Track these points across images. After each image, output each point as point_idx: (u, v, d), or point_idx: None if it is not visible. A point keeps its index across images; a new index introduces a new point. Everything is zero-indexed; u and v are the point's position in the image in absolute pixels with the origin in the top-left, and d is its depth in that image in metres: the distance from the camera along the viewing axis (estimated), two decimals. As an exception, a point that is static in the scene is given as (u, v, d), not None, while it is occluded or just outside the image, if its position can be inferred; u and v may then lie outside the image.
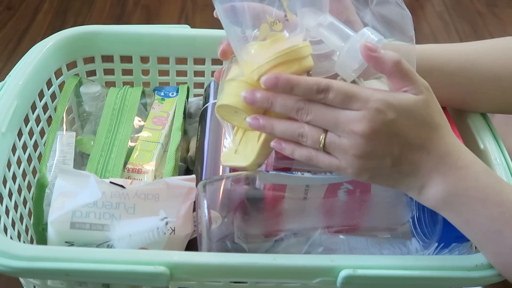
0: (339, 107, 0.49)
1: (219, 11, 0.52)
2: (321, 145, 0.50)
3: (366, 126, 0.48)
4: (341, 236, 0.58)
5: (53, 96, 0.75)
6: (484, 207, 0.49)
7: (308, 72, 0.53)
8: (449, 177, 0.49)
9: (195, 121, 0.80)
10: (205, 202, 0.55)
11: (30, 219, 0.66)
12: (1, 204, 0.60)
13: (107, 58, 0.80)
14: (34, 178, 0.68)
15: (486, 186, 0.49)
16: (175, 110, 0.75)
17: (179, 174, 0.70)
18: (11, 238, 0.60)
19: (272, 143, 0.52)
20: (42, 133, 0.73)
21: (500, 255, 0.50)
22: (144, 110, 0.76)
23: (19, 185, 0.65)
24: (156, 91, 0.79)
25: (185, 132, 0.76)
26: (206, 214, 0.54)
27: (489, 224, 0.49)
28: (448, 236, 0.56)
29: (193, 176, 0.60)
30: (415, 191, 0.51)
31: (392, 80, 0.50)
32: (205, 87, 0.80)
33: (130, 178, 0.65)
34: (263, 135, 0.54)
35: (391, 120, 0.48)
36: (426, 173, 0.50)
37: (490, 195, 0.49)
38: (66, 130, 0.71)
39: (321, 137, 0.50)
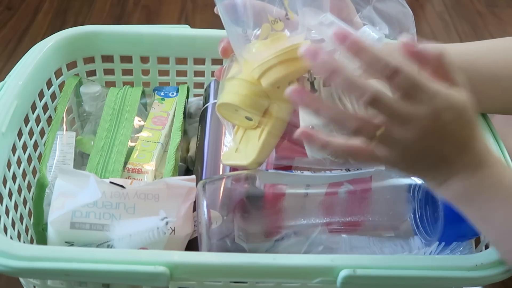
0: (401, 94, 0.46)
1: (220, 9, 0.52)
2: (375, 135, 0.46)
3: (430, 125, 0.46)
4: (343, 235, 0.58)
5: (53, 96, 0.75)
6: (504, 206, 0.49)
7: (309, 71, 0.53)
8: (477, 173, 0.49)
9: (195, 121, 0.80)
10: (205, 201, 0.55)
11: (30, 219, 0.66)
12: (1, 204, 0.60)
13: (107, 58, 0.80)
14: (34, 178, 0.68)
15: (508, 187, 0.49)
16: (175, 110, 0.75)
17: (179, 174, 0.70)
18: (11, 238, 0.60)
19: (299, 132, 0.48)
20: (42, 133, 0.73)
21: None
22: (144, 110, 0.76)
23: (19, 185, 0.65)
24: (156, 91, 0.79)
25: (185, 132, 0.76)
26: (206, 213, 0.54)
27: (506, 223, 0.49)
28: (449, 235, 0.56)
29: (193, 176, 0.60)
30: (437, 181, 0.50)
31: (437, 76, 0.48)
32: (205, 87, 0.80)
33: (130, 178, 0.65)
34: (264, 134, 0.54)
35: (450, 122, 0.47)
36: (459, 168, 0.49)
37: None
38: (66, 130, 0.71)
39: (377, 131, 0.46)
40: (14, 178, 0.64)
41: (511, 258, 0.51)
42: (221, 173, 0.66)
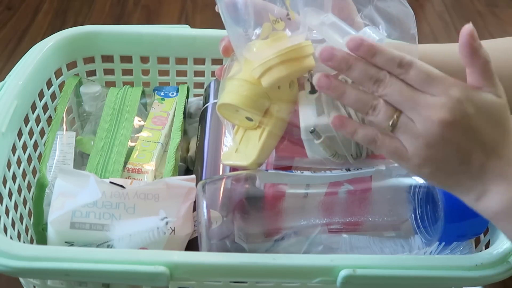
0: (417, 87, 0.46)
1: (221, 8, 0.52)
2: (391, 123, 0.46)
3: (446, 114, 0.45)
4: (343, 235, 0.58)
5: (53, 96, 0.75)
6: None
7: (309, 71, 0.53)
8: None
9: (195, 121, 0.80)
10: (204, 202, 0.55)
11: (30, 219, 0.66)
12: (1, 204, 0.60)
13: (107, 58, 0.80)
14: (34, 178, 0.68)
15: None
16: (175, 110, 0.75)
17: (179, 174, 0.70)
18: (11, 238, 0.60)
19: (333, 119, 0.49)
20: (42, 133, 0.73)
21: None
22: (144, 110, 0.76)
23: (19, 185, 0.65)
24: (156, 91, 0.79)
25: (185, 132, 0.76)
26: (205, 214, 0.54)
27: None
28: (450, 235, 0.56)
29: (193, 176, 0.60)
30: (473, 195, 0.47)
31: (475, 76, 0.47)
32: (205, 87, 0.80)
33: (130, 178, 0.65)
34: (264, 134, 0.54)
35: (471, 114, 0.45)
36: (492, 178, 0.46)
37: None
38: (66, 130, 0.71)
39: (395, 115, 0.46)
40: (14, 178, 0.64)
41: None
42: (221, 173, 0.66)
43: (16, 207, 0.64)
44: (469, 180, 0.47)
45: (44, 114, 0.73)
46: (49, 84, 0.74)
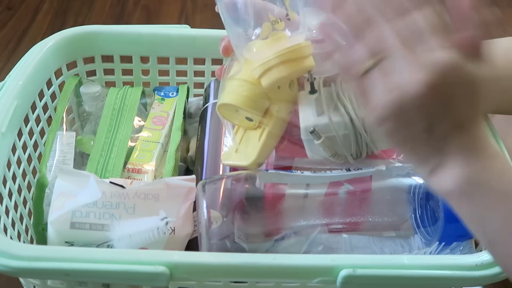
0: (413, 34, 0.42)
1: (220, 8, 0.52)
2: (372, 63, 0.42)
3: (427, 77, 0.41)
4: (343, 235, 0.58)
5: (53, 96, 0.75)
6: (504, 202, 0.44)
7: (309, 72, 0.53)
8: (474, 164, 0.44)
9: (195, 121, 0.80)
10: (204, 202, 0.55)
11: (30, 219, 0.66)
12: (1, 204, 0.60)
13: (107, 58, 0.80)
14: (34, 178, 0.68)
15: (509, 181, 0.45)
16: (175, 110, 0.75)
17: (179, 174, 0.70)
18: (11, 238, 0.60)
19: (320, 26, 0.46)
20: (42, 133, 0.73)
21: None
22: (144, 110, 0.76)
23: (19, 185, 0.65)
24: (156, 91, 0.79)
25: (185, 132, 0.76)
26: (205, 214, 0.54)
27: (506, 222, 0.44)
28: (450, 235, 0.56)
29: (193, 176, 0.60)
30: (428, 167, 0.45)
31: (465, 41, 0.43)
32: (205, 87, 0.80)
33: (130, 178, 0.65)
34: (264, 134, 0.54)
35: (451, 84, 0.42)
36: (451, 153, 0.44)
37: None
38: (66, 130, 0.71)
39: (379, 56, 0.42)
40: (14, 178, 0.64)
41: (508, 263, 0.46)
42: (221, 173, 0.66)
43: (16, 207, 0.64)
44: (427, 151, 0.45)
45: (44, 114, 0.73)
46: (49, 84, 0.74)
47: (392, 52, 0.42)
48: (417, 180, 0.58)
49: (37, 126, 0.71)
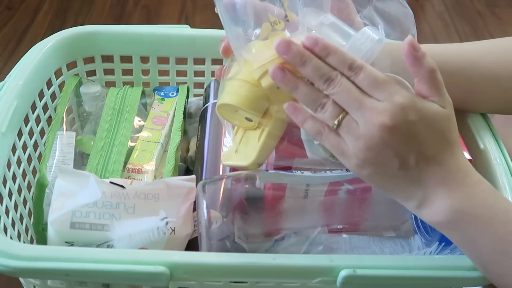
0: (364, 90, 0.48)
1: (219, 8, 0.52)
2: (337, 122, 0.48)
3: (387, 119, 0.46)
4: (344, 235, 0.58)
5: (53, 96, 0.75)
6: (490, 225, 0.47)
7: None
8: (457, 193, 0.48)
9: (195, 121, 0.80)
10: (204, 202, 0.55)
11: (30, 219, 0.66)
12: (1, 204, 0.60)
13: (107, 58, 0.80)
14: (34, 178, 0.68)
15: (493, 205, 0.48)
16: (175, 110, 0.75)
17: (179, 174, 0.70)
18: (11, 238, 0.60)
19: (285, 105, 0.50)
20: (42, 133, 0.73)
21: (506, 276, 0.48)
22: (144, 110, 0.76)
23: (19, 185, 0.65)
24: (156, 91, 0.79)
25: (185, 132, 0.76)
26: (205, 214, 0.54)
27: (495, 243, 0.48)
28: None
29: (193, 176, 0.60)
30: (414, 202, 0.49)
31: (421, 86, 0.49)
32: (205, 87, 0.80)
33: (130, 178, 0.65)
34: (264, 135, 0.54)
35: (412, 121, 0.47)
36: (432, 185, 0.48)
37: (497, 213, 0.48)
38: (66, 130, 0.71)
39: (341, 115, 0.48)
40: (14, 178, 0.64)
41: (505, 282, 0.49)
42: (221, 173, 0.66)
43: (16, 207, 0.64)
44: (409, 186, 0.49)
45: (44, 114, 0.73)
46: (49, 84, 0.74)
47: (351, 105, 0.48)
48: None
49: (37, 126, 0.71)
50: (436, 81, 0.49)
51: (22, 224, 0.65)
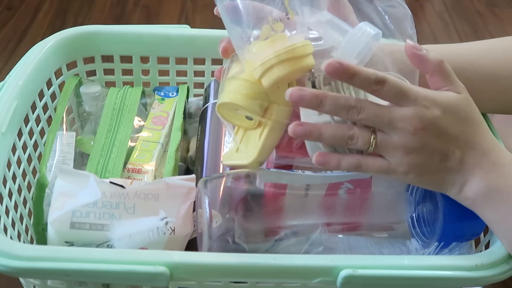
0: (392, 101, 0.49)
1: (220, 10, 0.52)
2: (373, 145, 0.50)
3: (418, 123, 0.48)
4: (341, 236, 0.58)
5: (53, 96, 0.75)
6: None
7: (310, 70, 0.53)
8: (491, 174, 0.50)
9: (195, 121, 0.80)
10: (207, 199, 0.54)
11: (30, 219, 0.66)
12: (1, 204, 0.60)
13: (107, 58, 0.80)
14: (34, 178, 0.68)
15: None
16: (175, 110, 0.75)
17: (179, 174, 0.70)
18: (11, 238, 0.60)
19: (315, 158, 0.51)
20: (42, 133, 0.73)
21: None
22: (144, 110, 0.76)
23: (19, 185, 0.65)
24: (156, 91, 0.79)
25: (185, 132, 0.76)
26: (208, 211, 0.54)
27: None
28: (448, 235, 0.56)
29: (193, 176, 0.60)
30: (456, 188, 0.51)
31: (433, 79, 0.52)
32: (205, 87, 0.80)
33: (130, 178, 0.65)
34: (264, 133, 0.54)
35: (438, 116, 0.49)
36: (470, 169, 0.50)
37: None
38: (66, 130, 0.71)
39: (372, 136, 0.50)
40: (14, 178, 0.64)
41: None
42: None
43: (16, 207, 0.64)
44: (452, 175, 0.51)
45: (44, 114, 0.73)
46: (49, 84, 0.74)
47: (381, 123, 0.49)
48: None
49: (37, 126, 0.71)
50: (447, 71, 0.51)
51: (22, 224, 0.65)
